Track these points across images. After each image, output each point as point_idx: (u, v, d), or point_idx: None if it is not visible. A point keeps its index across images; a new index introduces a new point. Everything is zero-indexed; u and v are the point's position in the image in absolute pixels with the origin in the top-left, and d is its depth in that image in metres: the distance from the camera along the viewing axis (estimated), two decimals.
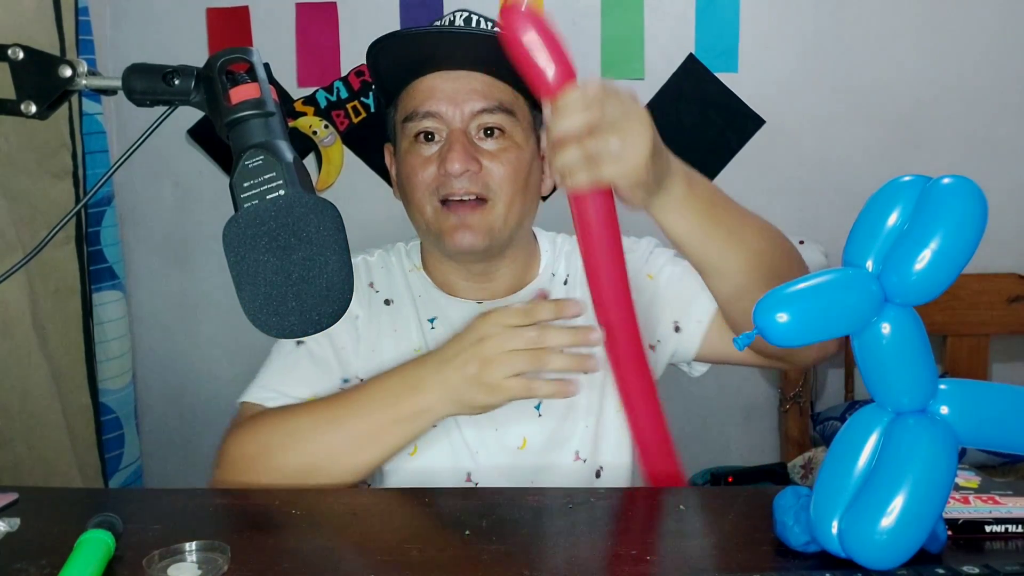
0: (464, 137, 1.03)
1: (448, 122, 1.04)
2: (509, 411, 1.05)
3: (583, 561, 0.75)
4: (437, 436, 1.07)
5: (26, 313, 1.55)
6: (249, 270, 0.69)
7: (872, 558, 0.70)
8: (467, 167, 1.01)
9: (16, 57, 0.77)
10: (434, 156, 1.04)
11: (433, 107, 1.04)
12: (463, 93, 1.03)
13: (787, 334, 0.68)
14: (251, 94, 0.72)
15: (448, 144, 1.03)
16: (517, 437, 1.09)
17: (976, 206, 0.68)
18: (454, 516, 0.85)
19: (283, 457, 0.97)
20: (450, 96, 1.04)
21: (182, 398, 2.45)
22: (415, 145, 1.06)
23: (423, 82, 1.05)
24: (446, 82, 1.04)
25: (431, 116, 1.04)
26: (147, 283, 2.42)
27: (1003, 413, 0.73)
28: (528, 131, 1.08)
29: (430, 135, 1.05)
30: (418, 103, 1.05)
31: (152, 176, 2.38)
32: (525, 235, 1.14)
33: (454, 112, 1.03)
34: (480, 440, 1.08)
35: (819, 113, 2.27)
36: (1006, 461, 2.02)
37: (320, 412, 0.99)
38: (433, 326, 1.12)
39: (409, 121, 1.05)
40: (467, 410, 0.95)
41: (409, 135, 1.06)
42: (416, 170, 1.05)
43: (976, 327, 2.18)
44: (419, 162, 1.05)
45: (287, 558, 0.76)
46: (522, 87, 1.03)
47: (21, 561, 0.75)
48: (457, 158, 1.01)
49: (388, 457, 0.98)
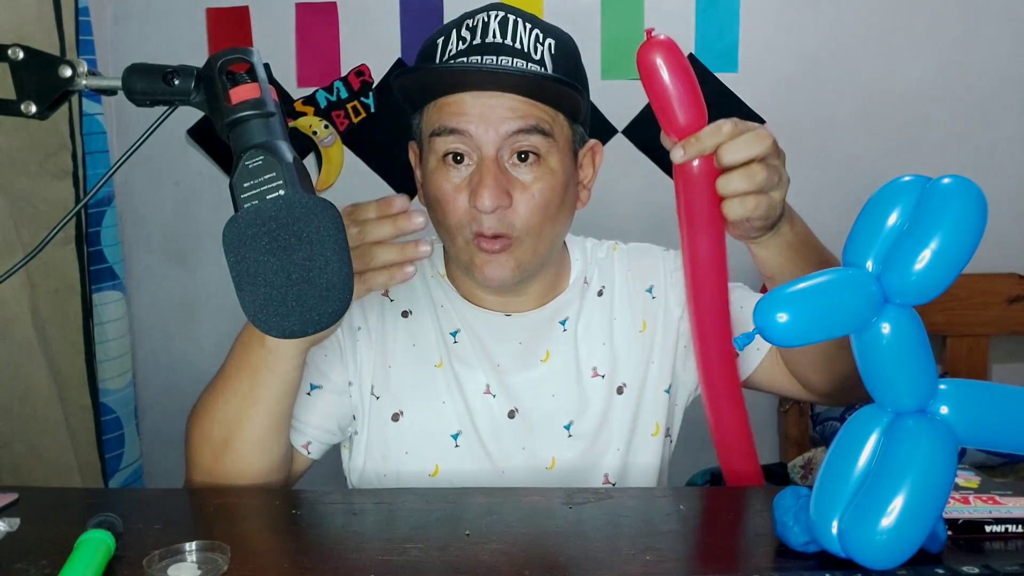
0: (496, 167, 0.96)
1: (479, 145, 0.95)
2: (539, 430, 1.05)
3: (583, 561, 0.75)
4: (461, 454, 1.04)
5: (26, 313, 1.55)
6: (249, 270, 0.69)
7: (872, 558, 0.70)
8: (498, 203, 0.95)
9: (16, 57, 0.77)
10: (464, 184, 0.97)
11: (465, 126, 0.95)
12: (497, 111, 0.95)
13: (787, 334, 0.68)
14: (251, 94, 0.72)
15: (479, 176, 0.95)
16: (546, 458, 1.05)
17: (976, 206, 0.68)
18: (454, 516, 0.85)
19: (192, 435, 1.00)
20: (482, 115, 0.95)
21: (182, 398, 2.42)
22: (444, 166, 0.98)
23: (453, 97, 0.96)
24: (479, 99, 0.95)
25: (460, 135, 0.96)
26: (147, 283, 2.42)
27: (1003, 413, 0.73)
28: (565, 151, 1.00)
29: (459, 157, 0.97)
30: (447, 118, 0.96)
31: (152, 176, 2.38)
32: (562, 254, 1.11)
33: (487, 134, 0.95)
34: (507, 459, 1.04)
35: (819, 113, 2.27)
36: (1006, 461, 2.02)
37: (210, 387, 1.01)
38: (456, 339, 1.07)
39: (437, 136, 0.97)
40: (310, 340, 0.92)
41: (438, 152, 0.98)
42: (448, 196, 0.98)
43: (976, 327, 2.18)
44: (450, 188, 0.98)
45: (287, 558, 0.76)
46: (562, 106, 0.98)
47: (21, 561, 0.75)
48: (488, 194, 0.94)
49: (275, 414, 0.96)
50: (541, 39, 0.98)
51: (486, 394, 1.05)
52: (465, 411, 1.05)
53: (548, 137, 0.97)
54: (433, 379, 1.06)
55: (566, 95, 0.97)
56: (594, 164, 1.07)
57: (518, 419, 1.05)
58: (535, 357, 1.07)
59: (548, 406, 1.05)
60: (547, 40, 0.99)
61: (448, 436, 1.04)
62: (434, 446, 1.04)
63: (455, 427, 1.05)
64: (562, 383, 1.07)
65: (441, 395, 1.05)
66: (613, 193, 2.18)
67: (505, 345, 1.07)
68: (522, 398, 1.05)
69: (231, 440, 0.96)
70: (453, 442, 1.04)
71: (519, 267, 0.99)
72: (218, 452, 0.96)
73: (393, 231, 0.88)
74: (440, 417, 1.05)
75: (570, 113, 1.00)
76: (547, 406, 1.05)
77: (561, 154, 0.99)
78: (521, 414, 1.05)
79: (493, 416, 1.05)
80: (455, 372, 1.06)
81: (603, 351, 1.08)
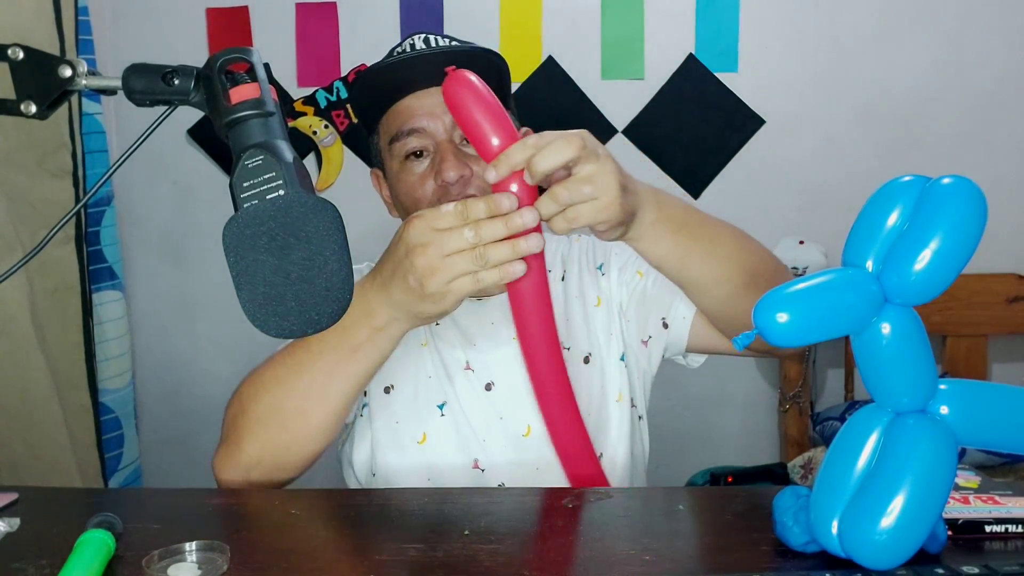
0: (451, 146, 1.08)
1: (432, 135, 1.09)
2: (514, 400, 1.12)
3: (583, 561, 0.75)
4: (445, 425, 1.12)
5: (25, 313, 1.55)
6: (249, 270, 0.69)
7: (872, 558, 0.70)
8: (461, 173, 1.06)
9: (16, 57, 0.77)
10: (427, 171, 1.09)
11: (416, 124, 1.09)
12: (439, 107, 1.07)
13: (787, 334, 0.68)
14: (251, 94, 0.72)
15: (439, 155, 1.08)
16: (521, 424, 1.12)
17: (976, 206, 0.68)
18: (454, 516, 0.86)
19: (257, 408, 0.98)
20: (429, 111, 1.09)
21: (181, 398, 2.45)
22: (406, 164, 1.10)
23: (400, 104, 1.11)
24: (421, 99, 1.10)
25: (416, 133, 1.09)
26: (146, 283, 2.42)
27: (1003, 413, 0.73)
28: None
29: (419, 153, 1.10)
30: (401, 123, 1.10)
31: (152, 176, 2.38)
32: None
33: (436, 125, 1.09)
34: (486, 428, 1.12)
35: (819, 113, 2.27)
36: (1006, 461, 2.02)
37: (283, 360, 0.99)
38: (439, 323, 1.16)
39: (396, 141, 1.10)
40: (421, 321, 0.93)
41: (399, 155, 1.11)
42: (415, 187, 1.09)
43: (975, 327, 2.18)
44: (415, 179, 1.10)
45: (287, 558, 0.76)
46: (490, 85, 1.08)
47: (21, 561, 0.75)
48: (451, 167, 1.05)
49: (358, 388, 0.98)
50: (459, 43, 1.15)
51: (466, 370, 1.14)
52: (449, 385, 1.13)
53: None
54: (420, 356, 1.15)
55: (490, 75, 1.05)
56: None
57: (495, 391, 1.13)
58: (507, 335, 1.13)
59: (520, 379, 1.10)
60: (465, 45, 1.14)
61: (435, 407, 1.13)
62: (421, 416, 1.13)
63: (440, 398, 1.13)
64: None
65: (427, 370, 1.15)
66: None
67: (479, 328, 1.16)
68: (496, 373, 1.14)
69: (311, 412, 0.97)
70: (439, 412, 1.13)
71: None
72: (290, 423, 0.97)
73: (505, 230, 0.88)
74: (427, 390, 1.14)
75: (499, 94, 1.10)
76: (519, 379, 1.10)
77: None
78: (497, 387, 1.14)
79: (473, 389, 1.13)
80: (439, 350, 1.15)
81: (565, 326, 1.16)
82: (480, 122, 0.87)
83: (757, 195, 2.28)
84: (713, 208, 1.02)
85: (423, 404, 1.13)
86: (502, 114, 0.88)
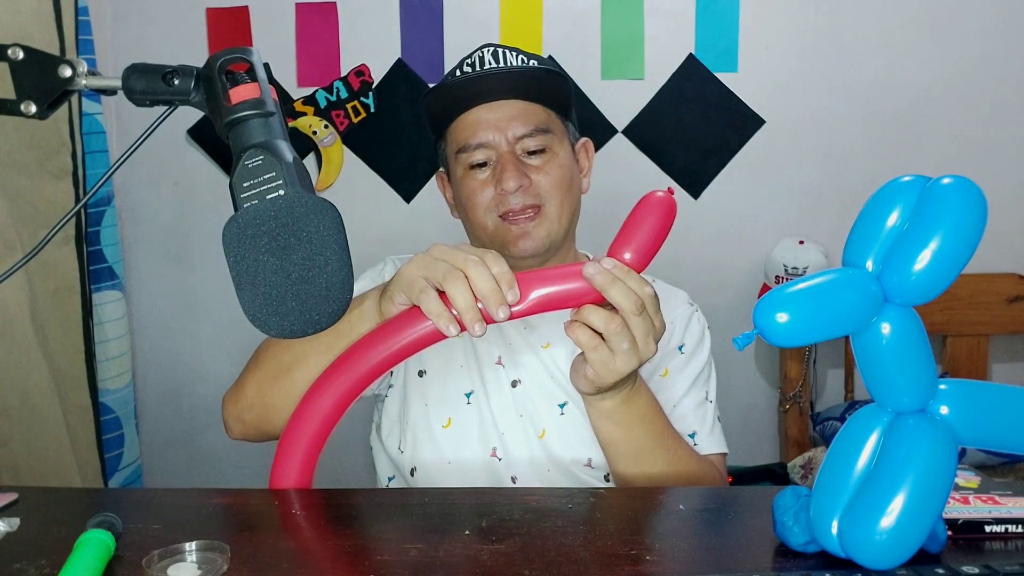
0: (513, 157, 1.16)
1: (496, 147, 1.17)
2: (535, 402, 1.17)
3: (583, 561, 0.75)
4: (469, 412, 1.18)
5: (26, 313, 1.55)
6: (249, 270, 0.69)
7: (872, 558, 0.70)
8: (520, 183, 1.14)
9: (16, 57, 0.77)
10: (489, 179, 1.17)
11: (482, 138, 1.17)
12: (504, 120, 1.16)
13: (787, 334, 0.68)
14: (251, 94, 0.72)
15: (500, 166, 1.16)
16: (539, 427, 1.16)
17: (976, 206, 0.68)
18: (454, 516, 0.86)
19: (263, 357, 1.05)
20: (494, 125, 1.17)
21: (182, 398, 2.45)
22: (470, 172, 1.18)
23: (469, 115, 1.18)
24: (488, 112, 1.17)
25: (482, 147, 1.17)
26: (147, 283, 2.42)
27: (1003, 413, 0.73)
28: (563, 140, 1.21)
29: (482, 164, 1.18)
30: (468, 135, 1.17)
31: (152, 176, 2.38)
32: (572, 240, 1.24)
33: (499, 138, 1.16)
34: (507, 421, 1.17)
35: (819, 113, 2.27)
36: (1006, 461, 2.03)
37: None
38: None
39: (462, 153, 1.18)
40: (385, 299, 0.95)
41: (464, 164, 1.19)
42: (476, 193, 1.17)
43: (975, 327, 2.19)
44: (477, 186, 1.17)
45: (287, 558, 0.76)
46: (553, 104, 1.20)
47: (21, 561, 0.75)
48: (511, 177, 1.14)
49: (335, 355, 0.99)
50: (526, 60, 1.20)
51: (497, 364, 1.20)
52: (478, 375, 1.19)
53: (549, 133, 1.19)
54: (453, 346, 1.21)
55: (556, 91, 1.19)
56: (588, 157, 1.28)
57: (520, 389, 1.18)
58: (538, 343, 1.20)
59: (547, 385, 1.18)
60: (531, 60, 1.20)
61: (462, 394, 1.19)
62: (449, 401, 1.18)
63: (468, 387, 1.19)
64: (560, 370, 1.18)
65: (459, 360, 1.21)
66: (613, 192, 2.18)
67: (515, 327, 1.22)
68: (524, 373, 1.19)
69: (294, 368, 1.02)
70: (465, 399, 1.19)
71: (548, 235, 1.16)
72: (280, 374, 1.03)
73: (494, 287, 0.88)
74: (457, 378, 1.20)
75: (561, 110, 1.21)
76: (546, 385, 1.18)
77: (561, 143, 1.20)
78: (523, 385, 1.19)
79: (500, 382, 1.19)
80: (473, 343, 1.21)
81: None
82: (645, 236, 0.91)
83: (757, 195, 2.28)
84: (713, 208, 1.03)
85: (452, 391, 1.19)
86: (655, 248, 0.92)
